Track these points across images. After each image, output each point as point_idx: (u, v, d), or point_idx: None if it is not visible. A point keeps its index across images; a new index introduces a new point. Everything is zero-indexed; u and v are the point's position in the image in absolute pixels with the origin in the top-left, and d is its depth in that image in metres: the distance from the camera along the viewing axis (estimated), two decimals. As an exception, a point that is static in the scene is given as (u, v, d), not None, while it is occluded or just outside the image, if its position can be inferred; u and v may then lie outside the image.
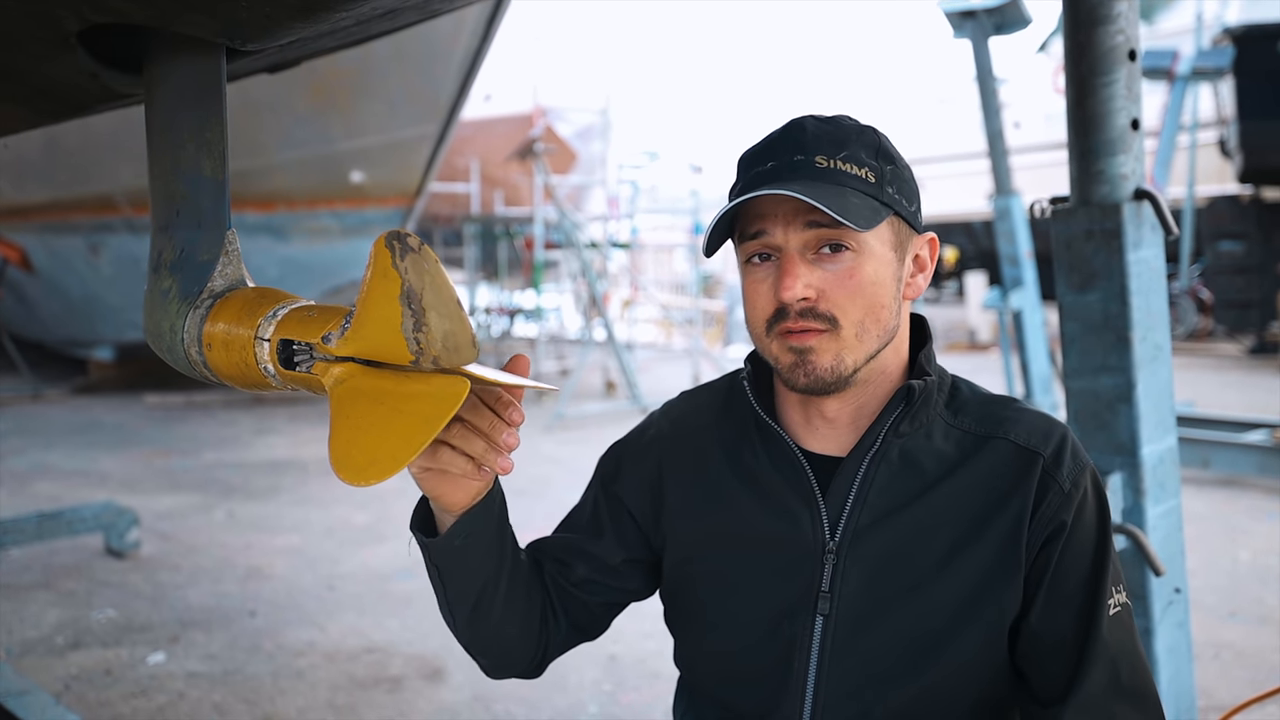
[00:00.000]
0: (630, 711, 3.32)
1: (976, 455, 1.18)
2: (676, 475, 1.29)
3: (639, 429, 1.37)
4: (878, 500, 1.17)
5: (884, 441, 1.18)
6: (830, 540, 1.18)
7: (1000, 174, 6.43)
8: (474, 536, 1.14)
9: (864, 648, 1.15)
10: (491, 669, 1.31)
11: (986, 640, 1.14)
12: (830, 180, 1.10)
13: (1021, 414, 1.21)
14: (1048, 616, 1.14)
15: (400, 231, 0.89)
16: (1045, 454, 1.16)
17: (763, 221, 1.12)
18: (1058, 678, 1.14)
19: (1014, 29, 6.24)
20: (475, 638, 1.25)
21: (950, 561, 1.15)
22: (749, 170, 1.16)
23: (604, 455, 1.38)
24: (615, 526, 1.32)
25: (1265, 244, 13.19)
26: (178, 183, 1.26)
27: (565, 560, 1.31)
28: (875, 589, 1.16)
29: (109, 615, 4.19)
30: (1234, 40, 11.92)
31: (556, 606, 1.31)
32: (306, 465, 7.13)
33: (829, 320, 1.11)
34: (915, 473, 1.18)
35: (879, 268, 1.13)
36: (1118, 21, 1.91)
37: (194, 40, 1.22)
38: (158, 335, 1.24)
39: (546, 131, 14.00)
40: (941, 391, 1.22)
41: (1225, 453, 6.22)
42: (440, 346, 0.88)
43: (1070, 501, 1.15)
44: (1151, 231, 1.97)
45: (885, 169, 1.14)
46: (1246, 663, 3.60)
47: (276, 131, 8.78)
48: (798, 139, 1.14)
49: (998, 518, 1.15)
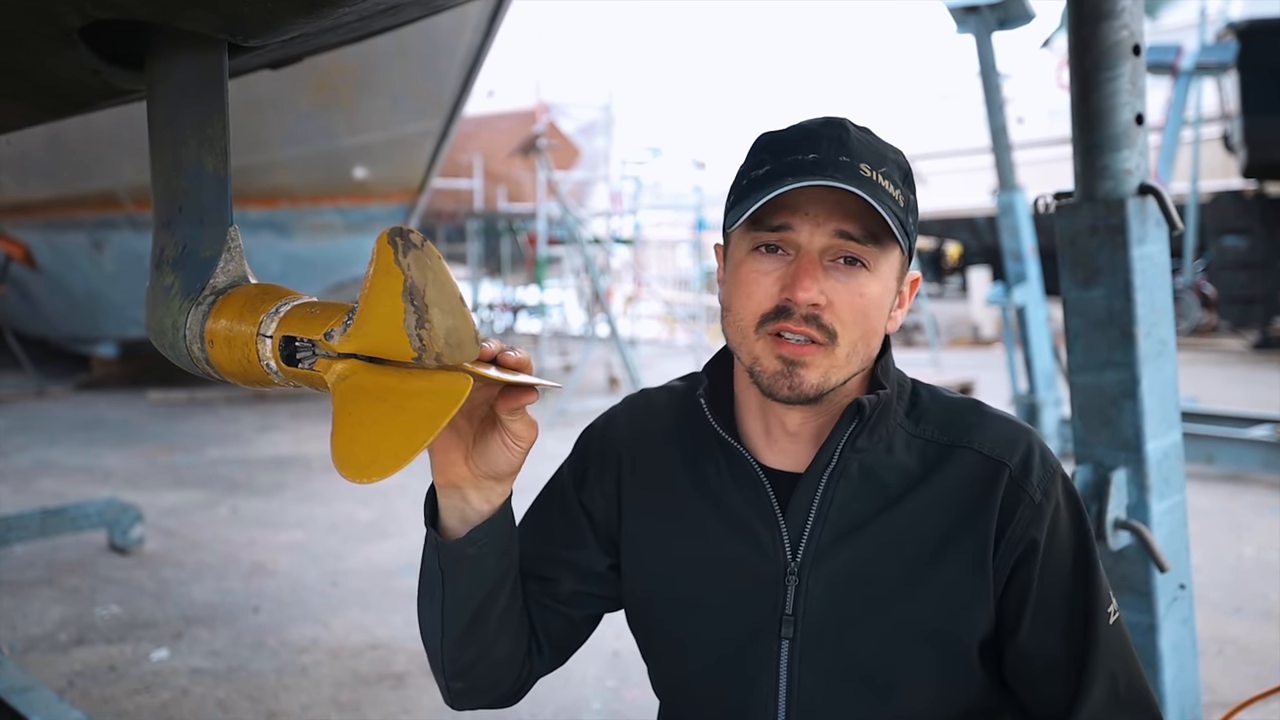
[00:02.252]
0: (634, 708, 3.32)
1: (940, 468, 1.14)
2: (635, 485, 1.25)
3: (601, 424, 1.32)
4: (839, 517, 1.13)
5: (841, 457, 1.14)
6: (792, 561, 1.14)
7: (1004, 169, 6.41)
8: (487, 546, 1.11)
9: (831, 669, 1.12)
10: (462, 695, 1.23)
11: (956, 660, 1.12)
12: (871, 193, 1.04)
13: (986, 420, 1.17)
14: (1036, 637, 1.11)
15: (403, 228, 0.88)
16: (1012, 464, 1.12)
17: (790, 215, 1.07)
18: (1054, 697, 1.12)
19: (1017, 24, 6.22)
20: (460, 655, 1.18)
21: (916, 579, 1.11)
22: (784, 155, 1.08)
23: (570, 455, 1.32)
24: (593, 533, 1.26)
25: (1269, 239, 13.15)
26: (180, 179, 1.26)
27: (548, 576, 1.25)
28: (839, 609, 1.12)
29: (113, 611, 4.20)
30: (1238, 35, 11.89)
31: (539, 632, 1.25)
32: (310, 462, 7.13)
33: (829, 333, 1.07)
34: (876, 488, 1.14)
35: (883, 293, 1.10)
36: (1122, 16, 1.91)
37: (196, 36, 1.22)
38: (160, 332, 1.24)
39: (549, 127, 13.96)
40: (901, 400, 1.18)
41: (1229, 448, 6.21)
42: (443, 343, 0.88)
43: (1042, 515, 1.11)
44: (1156, 227, 1.97)
45: (910, 198, 1.11)
46: (1251, 658, 3.59)
47: (279, 127, 8.77)
48: (841, 139, 1.08)
49: (964, 533, 1.11)
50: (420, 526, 1.15)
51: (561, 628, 1.27)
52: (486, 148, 15.08)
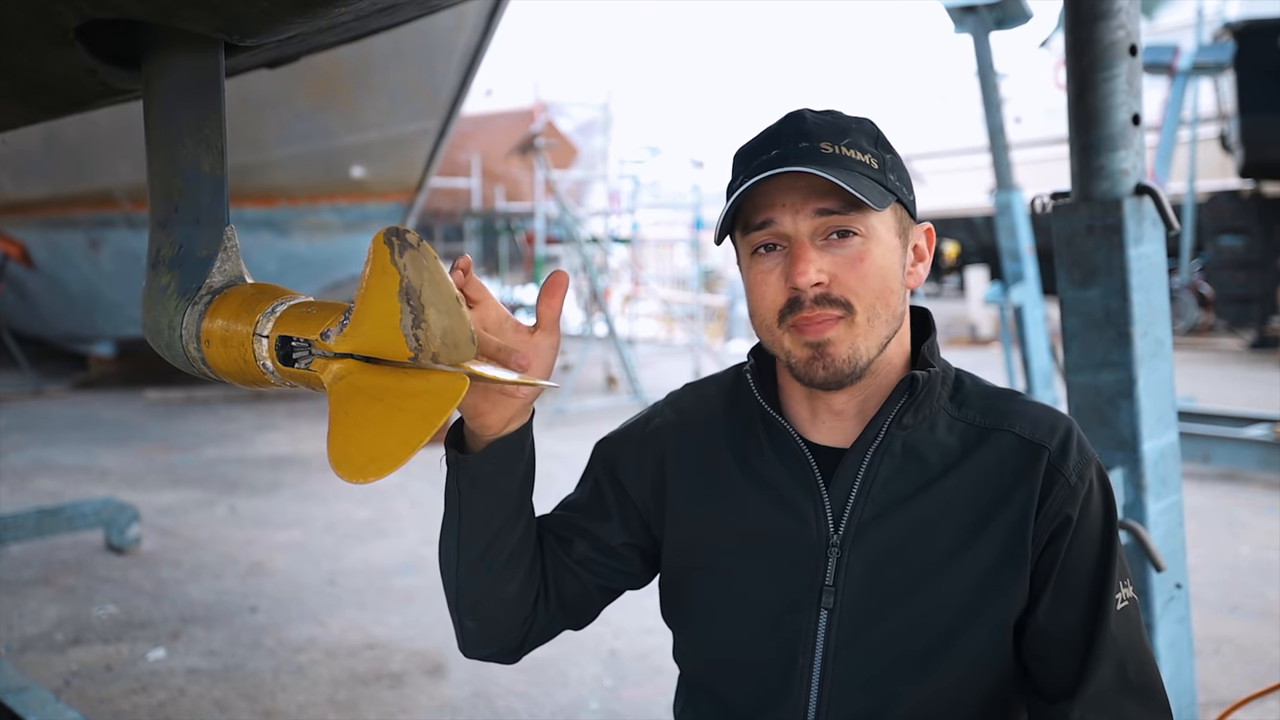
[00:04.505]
0: (631, 707, 3.32)
1: (981, 448, 1.17)
2: (680, 467, 1.28)
3: (643, 418, 1.36)
4: (881, 493, 1.16)
5: (887, 434, 1.17)
6: (834, 534, 1.17)
7: (1001, 169, 6.42)
8: (502, 465, 1.15)
9: (869, 642, 1.14)
10: (473, 635, 1.27)
11: (992, 635, 1.14)
12: (838, 165, 1.09)
13: (1026, 407, 1.20)
14: (1055, 612, 1.14)
15: (399, 228, 0.88)
16: (1051, 447, 1.16)
17: (770, 211, 1.11)
18: (1065, 674, 1.13)
19: (1015, 24, 6.23)
20: (472, 588, 1.22)
21: (955, 556, 1.14)
22: (752, 160, 1.14)
23: (602, 441, 1.36)
24: (620, 511, 1.30)
25: (1266, 239, 13.19)
26: (176, 179, 1.25)
27: (566, 537, 1.29)
28: (879, 583, 1.15)
29: (109, 611, 4.19)
30: (1235, 35, 11.91)
31: (550, 584, 1.28)
32: (307, 461, 7.13)
33: (843, 305, 1.10)
34: (919, 466, 1.17)
35: (886, 253, 1.13)
36: (1118, 17, 1.91)
37: (193, 36, 1.22)
38: (156, 332, 1.24)
39: (547, 126, 13.97)
40: (945, 384, 1.22)
41: (1226, 448, 6.22)
42: (439, 343, 0.88)
43: (1076, 495, 1.14)
44: (1152, 227, 1.97)
45: (885, 157, 1.15)
46: (1247, 658, 3.60)
47: (277, 126, 8.77)
48: (799, 127, 1.13)
49: (1002, 512, 1.14)
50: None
51: (573, 588, 1.29)
52: (484, 147, 15.09)
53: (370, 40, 2.40)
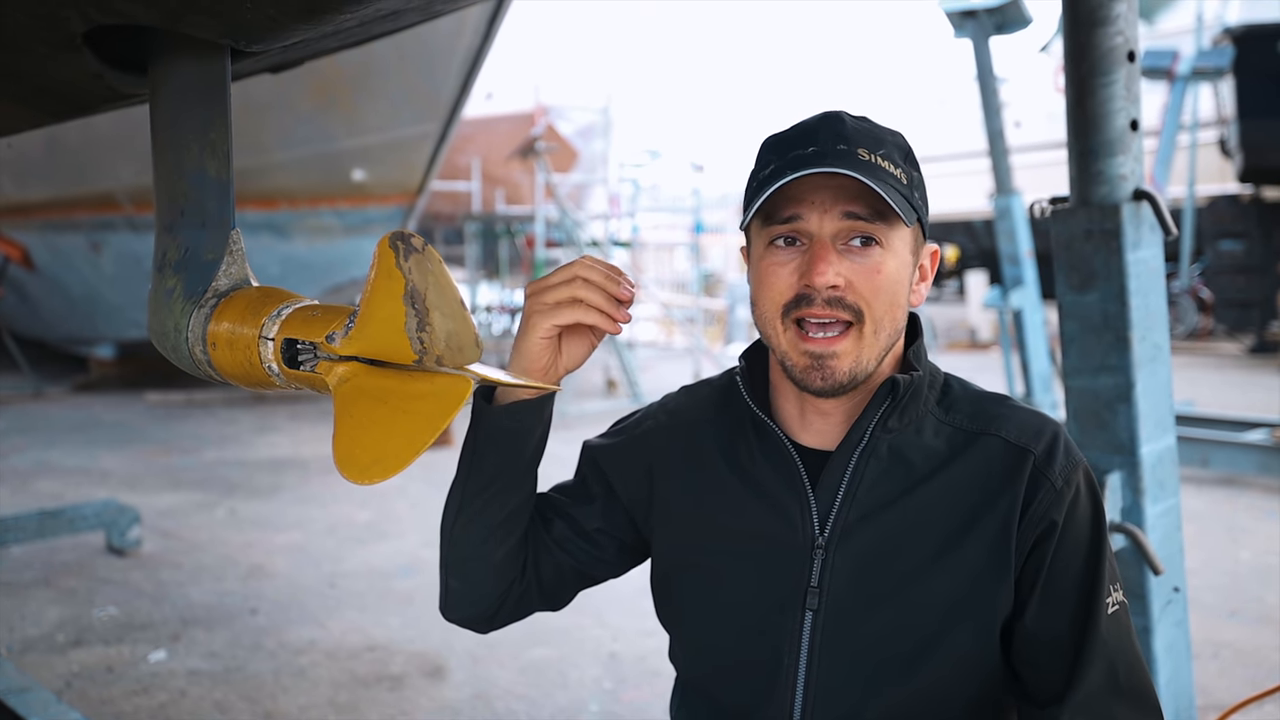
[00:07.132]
0: (631, 709, 3.32)
1: (967, 452, 1.18)
2: (670, 467, 1.29)
3: (636, 419, 1.37)
4: (867, 496, 1.17)
5: (872, 437, 1.18)
6: (819, 535, 1.17)
7: (1001, 173, 6.43)
8: (522, 425, 1.17)
9: (854, 643, 1.15)
10: (457, 595, 1.29)
11: (977, 639, 1.14)
12: (872, 174, 1.09)
13: (1014, 411, 1.21)
14: (1043, 617, 1.14)
15: (404, 232, 0.89)
16: (1036, 451, 1.16)
17: (798, 206, 1.11)
18: (1055, 678, 1.14)
19: (1014, 29, 6.25)
20: (464, 544, 1.24)
21: (940, 559, 1.14)
22: (787, 152, 1.13)
23: (595, 439, 1.38)
24: (604, 501, 1.33)
25: (1265, 243, 13.19)
26: (182, 183, 1.26)
27: (547, 516, 1.32)
28: (864, 585, 1.16)
29: (110, 613, 4.20)
30: (1234, 40, 11.92)
31: (529, 559, 1.30)
32: (308, 463, 7.13)
33: (854, 312, 1.11)
34: (904, 469, 1.18)
35: (900, 268, 1.14)
36: (1117, 23, 1.92)
37: (199, 41, 1.23)
38: (162, 334, 1.25)
39: (548, 130, 13.99)
40: (933, 388, 1.22)
41: (1225, 452, 6.23)
42: (444, 346, 0.89)
43: (1062, 500, 1.15)
44: (1150, 232, 1.98)
45: (914, 174, 1.15)
46: (1246, 662, 3.60)
47: (278, 130, 8.77)
48: (838, 129, 1.13)
49: (988, 516, 1.15)
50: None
51: (549, 567, 1.31)
52: (485, 150, 15.08)
53: (372, 44, 2.40)
